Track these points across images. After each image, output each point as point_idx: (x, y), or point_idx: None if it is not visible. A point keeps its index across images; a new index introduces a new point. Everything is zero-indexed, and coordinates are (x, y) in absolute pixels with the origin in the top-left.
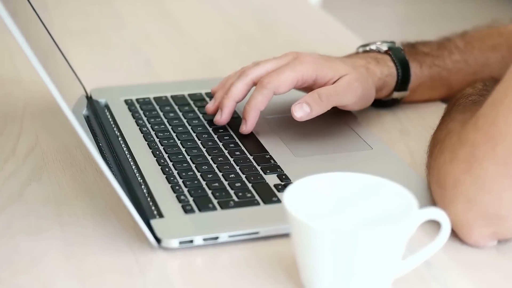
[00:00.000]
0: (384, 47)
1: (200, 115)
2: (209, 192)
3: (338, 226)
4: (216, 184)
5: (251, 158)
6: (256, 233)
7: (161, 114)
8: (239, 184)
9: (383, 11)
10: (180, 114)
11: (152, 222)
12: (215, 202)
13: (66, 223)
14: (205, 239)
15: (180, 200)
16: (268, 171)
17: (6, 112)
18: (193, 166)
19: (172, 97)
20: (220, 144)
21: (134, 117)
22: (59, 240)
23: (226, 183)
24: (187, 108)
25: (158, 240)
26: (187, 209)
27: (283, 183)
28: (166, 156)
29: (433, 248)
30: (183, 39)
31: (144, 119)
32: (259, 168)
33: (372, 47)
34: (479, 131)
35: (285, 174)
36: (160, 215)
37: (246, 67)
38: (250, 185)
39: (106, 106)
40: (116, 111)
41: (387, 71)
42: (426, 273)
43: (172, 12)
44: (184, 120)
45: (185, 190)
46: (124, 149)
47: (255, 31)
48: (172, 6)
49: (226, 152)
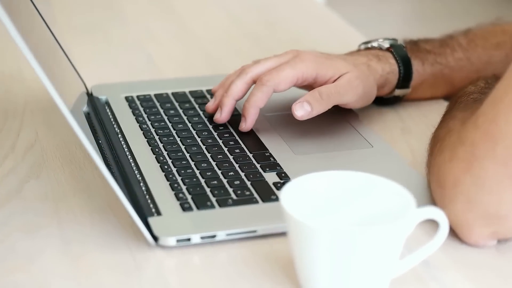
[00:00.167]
0: (386, 44)
1: (201, 112)
2: (207, 190)
3: (335, 226)
4: (215, 182)
5: (250, 155)
6: (254, 231)
7: (161, 111)
8: (238, 182)
9: (389, 8)
10: (180, 111)
11: (150, 220)
12: (213, 200)
13: (63, 221)
14: (202, 237)
15: (178, 198)
16: (267, 169)
17: (7, 108)
18: (192, 163)
19: (173, 94)
20: (220, 141)
21: (134, 114)
22: (57, 238)
23: (225, 181)
24: (187, 105)
25: (156, 238)
26: (185, 207)
27: (282, 181)
28: (165, 153)
29: (431, 248)
30: (186, 36)
31: (144, 116)
32: (258, 166)
33: (374, 44)
34: (479, 130)
35: (284, 172)
36: (158, 212)
37: (246, 65)
38: (249, 183)
39: (107, 103)
40: (117, 108)
41: (389, 68)
42: (424, 273)
43: (175, 9)
44: (185, 117)
45: (183, 188)
46: (124, 146)
47: (259, 28)
48: (176, 2)
49: (225, 149)
